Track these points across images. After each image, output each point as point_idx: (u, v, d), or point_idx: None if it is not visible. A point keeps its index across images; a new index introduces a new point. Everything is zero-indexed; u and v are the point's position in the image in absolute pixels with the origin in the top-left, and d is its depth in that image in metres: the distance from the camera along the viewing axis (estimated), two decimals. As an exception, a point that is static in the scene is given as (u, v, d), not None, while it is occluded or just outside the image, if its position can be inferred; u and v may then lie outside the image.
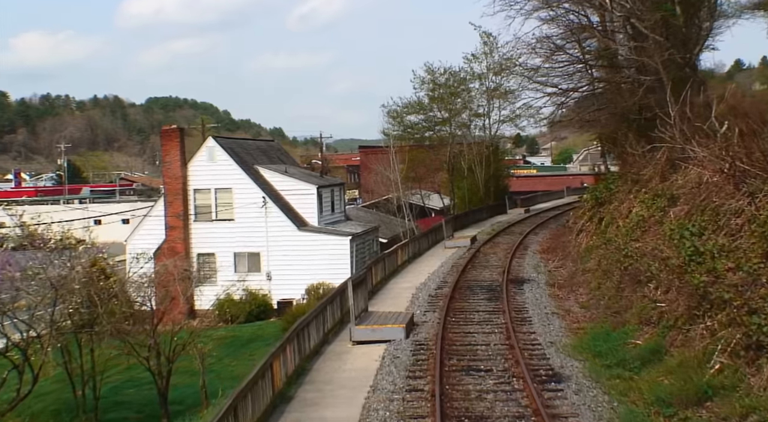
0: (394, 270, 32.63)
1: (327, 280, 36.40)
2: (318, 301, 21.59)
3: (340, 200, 44.28)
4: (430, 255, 38.80)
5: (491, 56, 57.35)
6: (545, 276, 30.35)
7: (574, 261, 31.75)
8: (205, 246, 39.16)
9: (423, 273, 32.11)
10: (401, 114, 52.80)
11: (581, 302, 24.70)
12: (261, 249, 38.71)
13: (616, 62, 41.14)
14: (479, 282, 28.58)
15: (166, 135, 39.10)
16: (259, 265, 38.83)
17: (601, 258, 27.71)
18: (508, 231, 47.41)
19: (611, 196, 34.53)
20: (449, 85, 52.70)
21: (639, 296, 21.45)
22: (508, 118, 61.19)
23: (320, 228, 39.25)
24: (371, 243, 42.67)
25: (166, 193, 39.06)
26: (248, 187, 38.91)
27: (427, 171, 56.21)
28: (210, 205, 39.29)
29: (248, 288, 37.74)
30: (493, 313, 22.54)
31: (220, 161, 39.30)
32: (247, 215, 38.69)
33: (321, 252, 37.95)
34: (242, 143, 43.32)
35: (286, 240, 38.38)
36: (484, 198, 61.01)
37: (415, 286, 28.61)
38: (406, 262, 35.61)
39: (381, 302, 25.76)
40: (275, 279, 38.51)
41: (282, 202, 39.58)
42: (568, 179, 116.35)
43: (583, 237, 34.33)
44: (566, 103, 47.48)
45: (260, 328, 35.60)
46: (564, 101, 47.08)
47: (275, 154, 45.83)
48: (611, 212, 33.01)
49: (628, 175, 34.33)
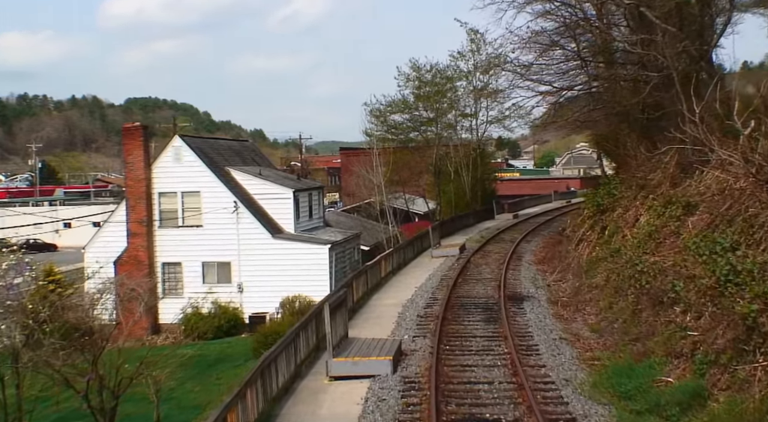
0: (377, 284, 29.54)
1: (304, 293, 33.39)
2: (291, 327, 18.40)
3: (318, 205, 41.11)
4: (416, 265, 35.73)
5: (478, 54, 54.58)
6: (545, 291, 27.37)
7: (577, 275, 28.81)
8: (170, 255, 35.87)
9: (409, 287, 29.04)
10: (385, 113, 49.63)
11: (591, 324, 21.72)
12: (232, 259, 35.48)
13: (616, 58, 38.37)
14: (473, 299, 25.53)
15: (128, 133, 35.75)
16: (229, 276, 35.59)
17: (609, 273, 24.77)
18: (499, 239, 44.46)
19: (614, 203, 31.68)
20: (436, 83, 49.63)
21: (663, 321, 18.51)
22: (496, 119, 58.40)
23: (297, 236, 36.07)
24: (352, 252, 39.55)
25: (128, 197, 35.70)
26: (218, 191, 35.66)
27: (411, 174, 53.16)
28: (176, 209, 35.99)
29: (217, 300, 34.63)
30: (493, 339, 19.49)
31: (188, 162, 36.01)
32: (217, 221, 35.45)
33: (297, 262, 34.78)
34: (213, 143, 40.03)
35: (260, 249, 35.17)
36: (470, 202, 58.06)
37: (401, 303, 25.54)
38: (390, 274, 32.52)
39: (363, 323, 22.65)
40: (247, 291, 35.29)
41: (255, 206, 36.36)
42: (554, 183, 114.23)
43: (584, 247, 31.40)
44: (560, 102, 44.79)
45: (230, 346, 32.37)
46: (558, 101, 44.37)
47: (249, 154, 42.58)
48: (615, 220, 30.15)
49: (632, 180, 31.52)
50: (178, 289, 36.01)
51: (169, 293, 36.08)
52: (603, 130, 41.59)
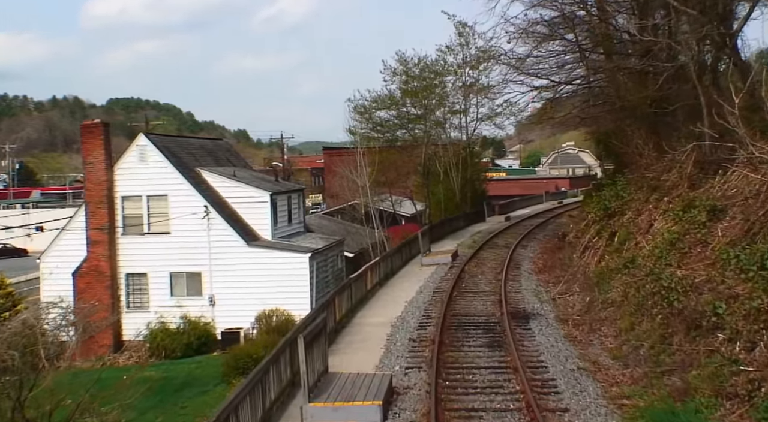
0: (362, 298, 26.44)
1: (282, 306, 30.36)
2: (259, 366, 15.29)
3: (299, 208, 37.95)
4: (405, 275, 32.66)
5: (467, 48, 51.57)
6: (551, 307, 24.37)
7: (585, 288, 25.85)
8: (135, 265, 32.61)
9: (398, 302, 25.98)
10: (370, 109, 46.39)
11: (611, 349, 18.74)
12: (202, 269, 32.27)
13: (620, 49, 35.50)
14: (472, 317, 22.48)
15: (88, 131, 32.38)
16: (200, 288, 32.38)
17: (626, 287, 21.80)
18: (492, 244, 41.45)
19: (623, 206, 28.78)
20: (424, 78, 46.52)
21: (703, 349, 15.54)
22: (486, 117, 55.44)
23: (274, 243, 32.90)
24: (335, 260, 36.43)
25: (88, 201, 32.39)
26: (187, 194, 32.44)
27: (398, 175, 50.05)
28: (141, 215, 32.72)
29: (187, 315, 31.51)
30: (501, 371, 16.45)
31: (154, 163, 32.75)
32: (186, 228, 32.23)
33: (275, 272, 31.63)
34: (182, 142, 36.72)
35: (233, 258, 32.00)
36: (460, 204, 55.06)
37: (390, 322, 22.46)
38: (377, 286, 29.45)
39: (346, 348, 19.56)
40: (220, 304, 32.11)
41: (229, 211, 33.17)
42: (543, 183, 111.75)
43: (591, 255, 28.46)
44: (556, 97, 41.90)
45: (199, 366, 29.15)
46: (554, 96, 41.48)
47: (223, 154, 39.35)
48: (625, 225, 27.25)
49: (643, 181, 28.65)
50: (143, 303, 32.82)
51: (133, 307, 32.94)
52: (606, 127, 38.70)
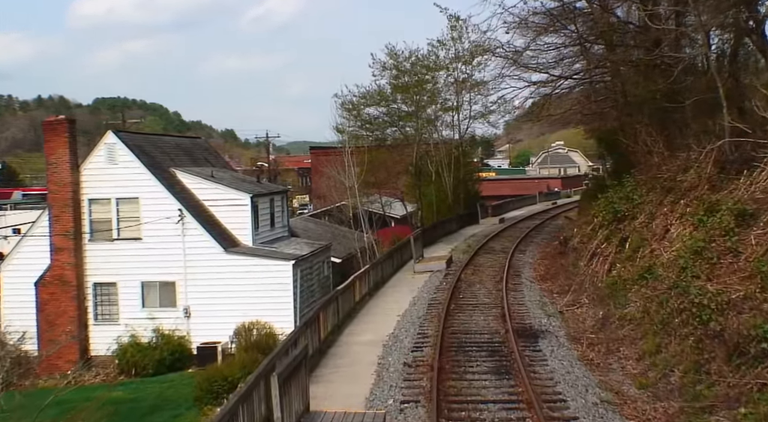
0: (350, 311, 23.96)
1: (263, 318, 27.95)
2: (226, 405, 12.82)
3: (282, 211, 35.42)
4: (397, 284, 30.21)
5: (460, 42, 49.14)
6: (559, 322, 21.98)
7: (595, 299, 23.50)
8: (103, 274, 30.01)
9: (390, 316, 23.52)
10: (358, 106, 43.85)
11: (635, 375, 16.36)
12: (177, 278, 29.71)
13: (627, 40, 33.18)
14: (473, 335, 20.04)
15: (50, 128, 29.74)
16: (174, 298, 29.82)
17: (646, 302, 19.45)
18: (489, 249, 39.04)
19: (634, 209, 26.46)
20: (416, 72, 44.05)
21: (754, 382, 13.19)
22: (480, 114, 53.03)
23: (255, 250, 30.38)
24: (321, 267, 33.92)
25: (52, 205, 29.76)
26: (161, 197, 29.87)
27: (388, 175, 47.57)
28: (110, 219, 30.12)
29: (160, 328, 29.04)
30: (513, 407, 14.01)
31: (124, 163, 30.16)
32: (159, 233, 29.67)
33: (255, 281, 29.13)
34: (156, 140, 34.11)
35: (210, 266, 29.46)
36: (453, 206, 52.64)
37: (381, 341, 20.00)
38: (367, 296, 26.99)
39: (332, 375, 17.08)
40: (195, 316, 29.58)
41: (205, 215, 30.63)
42: (534, 183, 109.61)
43: (600, 263, 26.09)
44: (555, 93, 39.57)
45: (172, 385, 26.60)
46: (552, 91, 39.13)
47: (201, 154, 36.77)
48: (638, 231, 24.93)
49: (655, 181, 26.34)
50: (112, 315, 30.24)
51: (102, 319, 30.35)
52: (610, 124, 36.42)
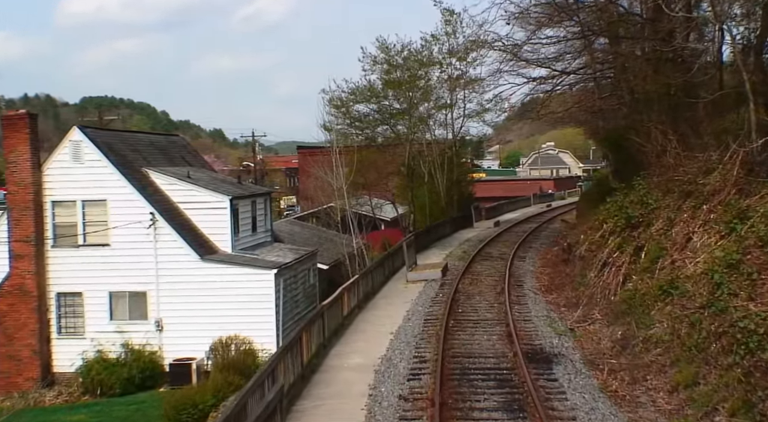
0: (337, 328, 21.54)
1: (243, 332, 25.70)
2: None
3: (265, 215, 32.88)
4: (389, 295, 27.78)
5: (454, 37, 46.74)
6: (572, 341, 19.60)
7: (610, 315, 21.16)
8: (67, 283, 27.44)
9: (382, 333, 21.10)
10: (347, 103, 41.32)
11: (670, 413, 14.00)
12: (148, 288, 27.18)
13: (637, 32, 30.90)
14: (477, 359, 17.62)
15: (10, 124, 27.15)
16: (145, 310, 27.29)
17: (673, 322, 17.10)
18: (486, 255, 36.64)
19: (649, 215, 24.13)
20: (408, 67, 41.56)
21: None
22: (474, 113, 50.64)
23: (234, 258, 27.87)
24: (306, 275, 31.44)
25: (11, 207, 27.15)
26: (131, 199, 27.32)
27: (378, 176, 45.09)
28: (75, 223, 27.55)
29: (129, 342, 26.54)
30: (532, 458, 11.61)
31: (91, 162, 27.60)
32: (129, 239, 27.15)
33: (234, 291, 26.65)
34: (127, 137, 31.47)
35: (185, 275, 26.94)
36: (446, 208, 50.22)
37: (373, 365, 17.58)
38: (356, 310, 24.56)
39: (314, 411, 14.60)
40: (168, 329, 27.07)
41: (180, 219, 28.10)
42: (526, 184, 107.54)
43: (612, 274, 23.71)
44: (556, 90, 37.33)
45: (140, 408, 24.12)
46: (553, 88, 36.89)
47: (178, 152, 34.20)
48: (655, 239, 22.62)
49: (672, 184, 24.06)
50: (77, 328, 27.68)
51: (66, 333, 27.79)
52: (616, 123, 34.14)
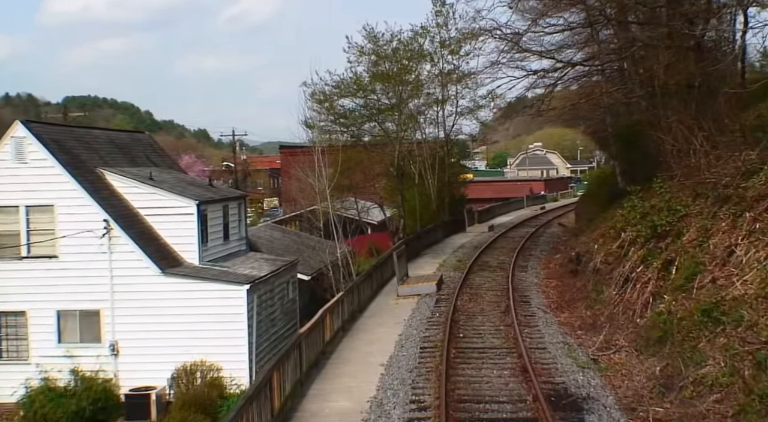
0: (318, 359, 18.17)
1: (210, 357, 22.34)
2: None
3: (239, 221, 29.41)
4: (378, 313, 24.41)
5: (446, 29, 43.46)
6: (599, 377, 16.30)
7: (639, 343, 17.93)
8: (9, 301, 23.83)
9: (371, 364, 17.75)
10: (331, 97, 37.82)
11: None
12: (102, 306, 23.65)
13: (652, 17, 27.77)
14: (489, 406, 14.27)
15: (-60, 117, 23.65)
16: (98, 332, 23.76)
17: (733, 359, 13.85)
18: (483, 264, 33.32)
19: (678, 223, 20.93)
20: (398, 59, 38.18)
21: None
22: (468, 110, 47.38)
23: (200, 271, 24.38)
24: (285, 289, 27.99)
25: (-58, 214, 23.62)
26: (83, 204, 23.79)
27: (365, 177, 41.72)
28: (18, 232, 24.00)
29: (79, 369, 23.00)
30: None
31: (36, 162, 24.03)
32: (81, 250, 23.65)
33: (201, 310, 23.20)
34: (82, 134, 27.81)
35: (144, 291, 23.45)
36: (437, 211, 46.93)
37: (361, 413, 14.22)
38: (340, 333, 21.20)
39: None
40: (125, 354, 23.54)
41: (140, 227, 24.61)
42: (517, 185, 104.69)
43: (637, 292, 20.45)
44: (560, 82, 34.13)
45: (89, 448, 20.67)
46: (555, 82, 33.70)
47: (142, 151, 30.65)
48: (687, 251, 19.45)
49: (704, 188, 20.90)
50: (20, 352, 24.05)
51: (7, 357, 24.20)
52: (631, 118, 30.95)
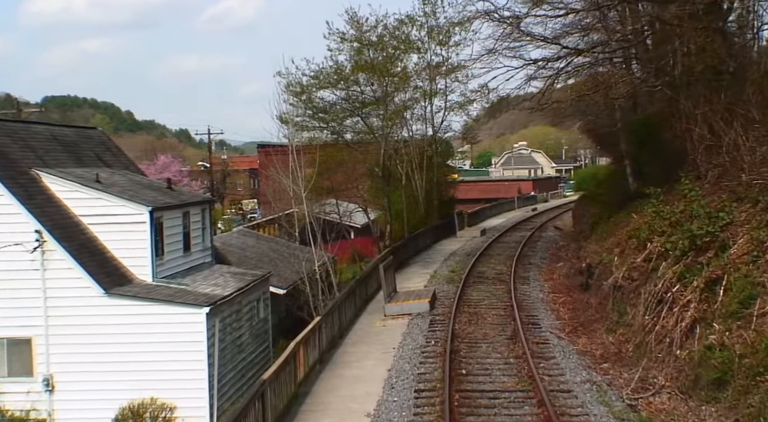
0: (289, 405, 14.51)
1: (162, 393, 18.72)
2: None
3: (203, 229, 25.66)
4: (362, 339, 20.73)
5: (434, 18, 39.96)
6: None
7: (685, 384, 14.44)
8: (-77, 327, 20.15)
9: (353, 414, 14.12)
10: (309, 88, 33.96)
11: None
12: (34, 333, 19.97)
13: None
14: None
15: None
16: (29, 363, 20.06)
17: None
18: (479, 275, 29.74)
19: (721, 233, 17.45)
20: (384, 47, 34.48)
21: None
22: (457, 105, 43.88)
23: (152, 291, 20.66)
24: (255, 308, 24.32)
25: None
26: (10, 212, 20.11)
27: (347, 178, 38.09)
28: (-67, 246, 20.27)
29: (5, 409, 19.37)
30: None
31: (-45, 162, 20.35)
32: (8, 266, 19.97)
33: (152, 337, 19.62)
34: (16, 129, 23.88)
35: (84, 315, 19.82)
36: (426, 215, 43.39)
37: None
38: (317, 367, 17.55)
39: None
40: (62, 389, 19.89)
41: (82, 239, 20.88)
42: (504, 185, 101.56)
43: (675, 318, 16.89)
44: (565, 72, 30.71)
45: None
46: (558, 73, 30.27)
47: (92, 149, 26.82)
48: (738, 268, 15.97)
49: (751, 191, 17.53)
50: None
51: None
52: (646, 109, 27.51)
